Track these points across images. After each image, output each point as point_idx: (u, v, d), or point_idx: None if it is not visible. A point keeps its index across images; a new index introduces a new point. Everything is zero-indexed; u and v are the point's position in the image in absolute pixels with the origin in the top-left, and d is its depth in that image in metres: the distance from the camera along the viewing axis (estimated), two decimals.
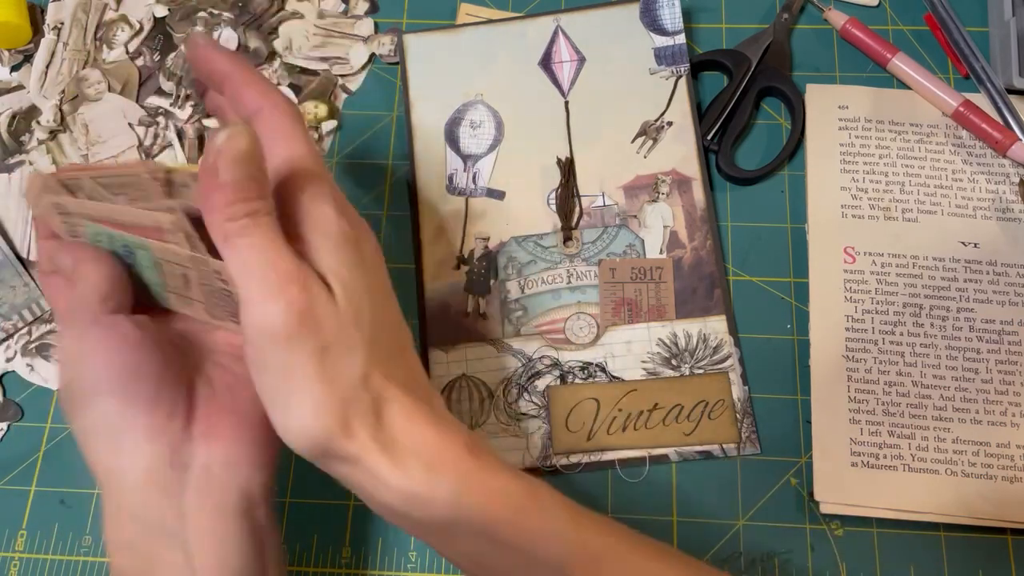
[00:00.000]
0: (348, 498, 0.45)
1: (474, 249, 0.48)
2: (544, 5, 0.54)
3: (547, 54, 0.51)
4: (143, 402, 0.32)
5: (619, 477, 0.44)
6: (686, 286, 0.46)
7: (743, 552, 0.42)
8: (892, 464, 0.43)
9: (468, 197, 0.49)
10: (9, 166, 0.52)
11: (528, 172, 0.49)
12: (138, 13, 0.55)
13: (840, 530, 0.43)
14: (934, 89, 0.48)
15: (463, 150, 0.50)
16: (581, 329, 0.46)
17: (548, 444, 0.44)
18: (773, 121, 0.51)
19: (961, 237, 0.47)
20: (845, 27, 0.51)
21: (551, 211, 0.48)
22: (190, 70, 0.45)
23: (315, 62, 0.53)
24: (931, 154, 0.48)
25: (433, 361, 0.46)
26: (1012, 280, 0.46)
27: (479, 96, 0.51)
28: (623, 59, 0.50)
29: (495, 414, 0.45)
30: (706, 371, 0.45)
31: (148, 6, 0.55)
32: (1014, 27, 0.49)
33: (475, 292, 0.47)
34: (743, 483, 0.44)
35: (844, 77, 0.51)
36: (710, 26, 0.53)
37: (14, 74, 0.54)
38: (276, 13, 0.54)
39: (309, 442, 0.30)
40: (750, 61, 0.50)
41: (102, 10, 0.54)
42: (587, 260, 0.47)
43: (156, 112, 0.52)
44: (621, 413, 0.45)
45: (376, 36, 0.54)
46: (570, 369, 0.46)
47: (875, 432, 0.43)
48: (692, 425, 0.44)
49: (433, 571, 0.43)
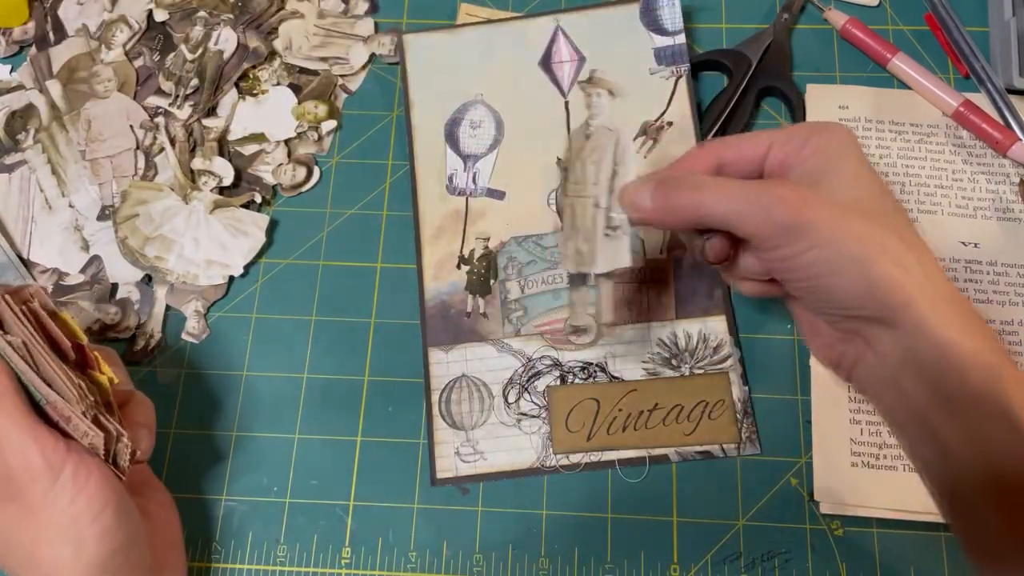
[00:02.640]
0: (348, 498, 0.45)
1: (474, 249, 0.48)
2: (544, 5, 0.54)
3: (547, 54, 0.51)
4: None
5: (619, 477, 0.44)
6: (686, 286, 0.46)
7: (743, 552, 0.42)
8: (892, 464, 0.43)
9: (468, 197, 0.49)
10: (9, 166, 0.52)
11: (528, 172, 0.49)
12: (136, 12, 0.55)
13: (840, 530, 0.43)
14: (934, 89, 0.48)
15: (463, 150, 0.50)
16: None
17: (548, 444, 0.44)
18: (773, 121, 0.51)
19: (961, 237, 0.47)
20: (845, 27, 0.51)
21: (551, 211, 0.48)
22: None
23: (315, 62, 0.53)
24: (931, 154, 0.48)
25: (433, 361, 0.46)
26: (1012, 280, 0.46)
27: (479, 96, 0.51)
28: (623, 59, 0.50)
29: (495, 414, 0.45)
30: (706, 371, 0.45)
31: (146, 6, 0.55)
32: (1014, 27, 0.49)
33: (475, 292, 0.47)
34: (743, 483, 0.44)
35: (844, 77, 0.51)
36: (710, 26, 0.53)
37: (13, 74, 0.54)
38: (276, 13, 0.54)
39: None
40: (750, 61, 0.50)
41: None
42: None
43: (155, 112, 0.52)
44: (621, 413, 0.45)
45: (376, 36, 0.54)
46: (570, 369, 0.46)
47: (875, 432, 0.43)
48: (692, 425, 0.44)
49: (433, 571, 0.43)
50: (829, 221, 0.33)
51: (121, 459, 0.36)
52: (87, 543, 0.34)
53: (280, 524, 0.44)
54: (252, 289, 0.49)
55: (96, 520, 0.34)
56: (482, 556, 0.43)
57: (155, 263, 0.49)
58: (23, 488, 0.34)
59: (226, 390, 0.47)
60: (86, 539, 0.34)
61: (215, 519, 0.44)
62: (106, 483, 0.35)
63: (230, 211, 0.50)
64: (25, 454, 0.33)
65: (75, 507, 0.34)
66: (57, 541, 0.34)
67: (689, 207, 0.36)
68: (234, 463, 0.46)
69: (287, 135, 0.52)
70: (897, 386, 0.35)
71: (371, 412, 0.46)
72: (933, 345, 0.33)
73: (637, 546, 0.43)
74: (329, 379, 0.47)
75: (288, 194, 0.51)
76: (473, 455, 0.45)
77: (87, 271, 0.49)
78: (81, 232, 0.50)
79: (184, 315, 0.48)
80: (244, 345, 0.48)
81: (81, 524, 0.34)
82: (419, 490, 0.45)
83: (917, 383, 0.34)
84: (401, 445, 0.45)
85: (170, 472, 0.45)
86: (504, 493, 0.44)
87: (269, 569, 0.44)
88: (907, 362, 0.34)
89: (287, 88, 0.53)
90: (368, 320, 0.48)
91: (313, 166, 0.51)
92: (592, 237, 0.40)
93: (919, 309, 0.33)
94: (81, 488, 0.34)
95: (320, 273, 0.49)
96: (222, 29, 0.54)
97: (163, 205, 0.50)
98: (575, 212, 0.41)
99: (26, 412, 0.34)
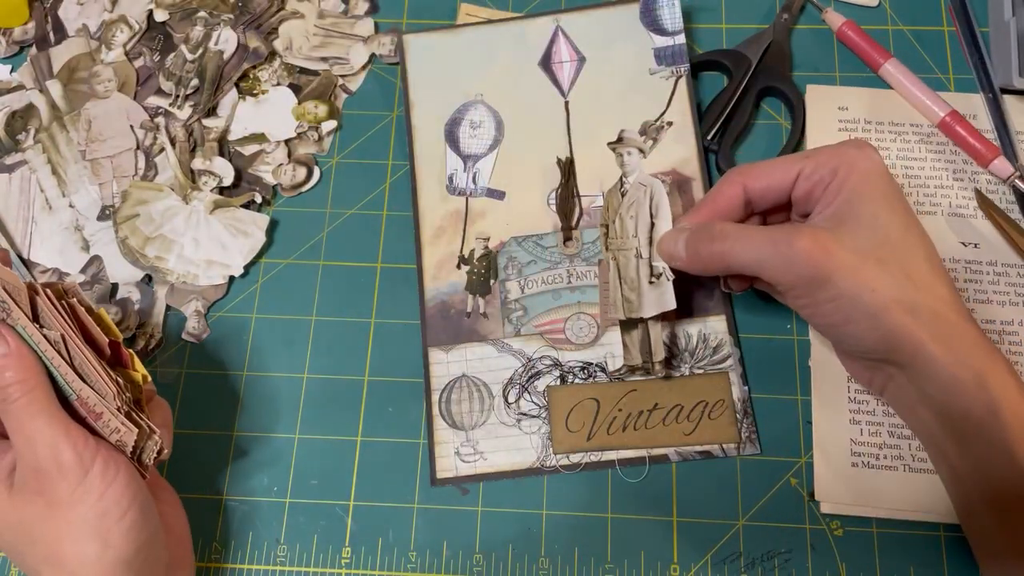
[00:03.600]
0: (348, 498, 0.45)
1: (474, 249, 0.48)
2: (544, 5, 0.54)
3: (547, 54, 0.51)
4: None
5: (619, 477, 0.44)
6: (686, 286, 0.46)
7: (743, 552, 0.42)
8: (892, 464, 0.43)
9: (468, 197, 0.49)
10: (9, 166, 0.52)
11: (528, 172, 0.49)
12: (136, 12, 0.55)
13: (840, 530, 0.43)
14: (922, 98, 0.48)
15: (463, 150, 0.50)
16: (581, 329, 0.46)
17: (548, 444, 0.44)
18: (773, 121, 0.51)
19: (961, 237, 0.47)
20: (842, 29, 0.51)
21: (551, 211, 0.48)
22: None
23: (315, 62, 0.53)
24: (931, 155, 0.48)
25: (433, 361, 0.46)
26: (1012, 280, 0.46)
27: (479, 96, 0.51)
28: (623, 59, 0.50)
29: (495, 414, 0.45)
30: (706, 371, 0.45)
31: (146, 7, 0.55)
32: (1014, 27, 0.49)
33: (475, 292, 0.47)
34: (743, 483, 0.44)
35: (844, 77, 0.51)
36: (710, 26, 0.53)
37: (13, 74, 0.54)
38: (276, 13, 0.54)
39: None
40: (750, 61, 0.50)
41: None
42: (587, 260, 0.47)
43: (156, 112, 0.52)
44: (621, 413, 0.45)
45: (376, 36, 0.54)
46: (570, 369, 0.46)
47: (875, 432, 0.43)
48: (692, 425, 0.44)
49: (433, 571, 0.43)
50: (848, 273, 0.36)
51: (146, 456, 0.36)
52: (114, 540, 0.35)
53: (280, 524, 0.44)
54: (252, 289, 0.49)
55: (123, 517, 0.35)
56: (482, 556, 0.43)
57: (155, 263, 0.49)
58: (51, 483, 0.34)
59: (226, 390, 0.47)
60: (113, 535, 0.35)
61: (215, 519, 0.44)
62: (132, 480, 0.35)
63: (230, 211, 0.50)
64: (56, 449, 0.34)
65: (103, 504, 0.34)
66: (83, 538, 0.34)
67: (718, 256, 0.39)
68: (234, 463, 0.46)
69: (287, 135, 0.52)
70: (915, 413, 0.39)
71: (371, 412, 0.46)
72: (941, 387, 0.36)
73: (637, 546, 0.43)
74: (329, 379, 0.47)
75: (288, 194, 0.51)
76: (473, 455, 0.45)
77: (87, 271, 0.49)
78: (81, 232, 0.50)
79: (184, 315, 0.48)
80: (244, 345, 0.48)
81: (108, 521, 0.34)
82: (419, 490, 0.45)
83: (930, 414, 0.38)
84: (401, 445, 0.45)
85: (170, 472, 0.45)
86: (504, 493, 0.44)
87: (269, 569, 0.44)
88: (920, 397, 0.38)
89: (287, 88, 0.53)
90: (368, 320, 0.48)
91: (313, 166, 0.51)
92: (637, 286, 0.44)
93: (927, 353, 0.36)
94: (109, 484, 0.34)
95: (320, 273, 0.49)
96: (222, 29, 0.54)
97: (163, 205, 0.50)
98: (620, 264, 0.44)
99: (58, 407, 0.34)
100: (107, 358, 0.37)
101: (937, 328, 0.36)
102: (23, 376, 0.34)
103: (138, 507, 0.35)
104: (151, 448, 0.36)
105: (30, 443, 0.34)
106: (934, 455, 0.40)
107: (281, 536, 0.44)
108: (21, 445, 0.34)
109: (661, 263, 0.43)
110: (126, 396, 0.36)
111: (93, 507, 0.34)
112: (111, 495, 0.34)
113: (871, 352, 0.38)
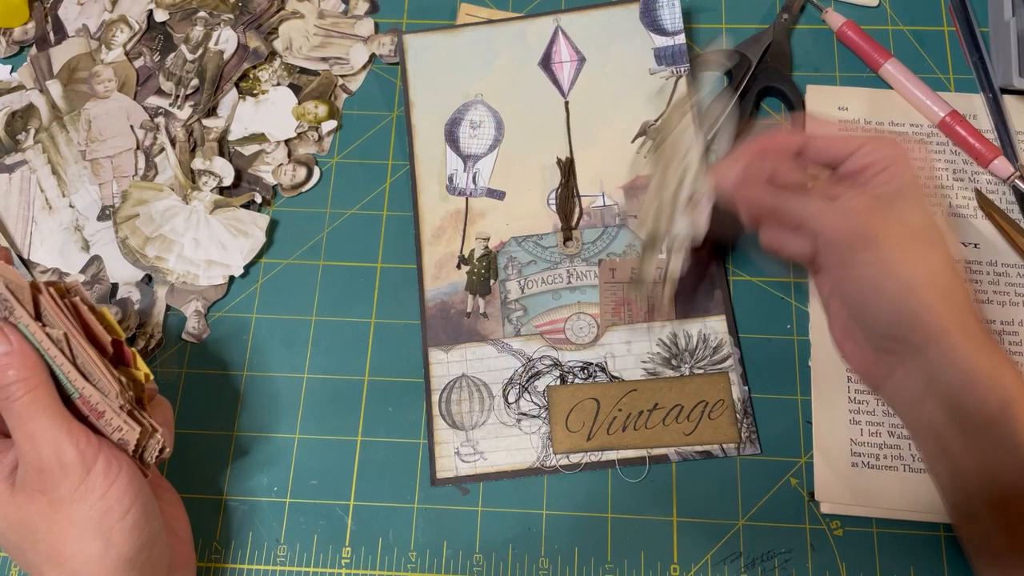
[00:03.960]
0: (348, 498, 0.45)
1: (474, 249, 0.48)
2: (544, 5, 0.54)
3: (547, 54, 0.51)
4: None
5: (619, 477, 0.44)
6: (686, 286, 0.46)
7: (743, 552, 0.42)
8: (892, 464, 0.43)
9: (468, 197, 0.49)
10: (9, 166, 0.52)
11: (528, 172, 0.49)
12: (136, 12, 0.55)
13: (840, 530, 0.43)
14: (922, 98, 0.48)
15: (463, 150, 0.50)
16: (581, 329, 0.46)
17: (548, 444, 0.44)
18: (773, 121, 0.51)
19: (961, 237, 0.47)
20: (842, 29, 0.51)
21: (551, 211, 0.48)
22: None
23: (315, 62, 0.53)
24: (931, 155, 0.48)
25: (433, 361, 0.46)
26: (1012, 280, 0.46)
27: (479, 96, 0.51)
28: (623, 59, 0.50)
29: (495, 414, 0.45)
30: (706, 371, 0.45)
31: (146, 7, 0.55)
32: (1014, 27, 0.49)
33: (475, 292, 0.47)
34: (743, 483, 0.44)
35: (844, 77, 0.51)
36: (710, 26, 0.53)
37: (13, 74, 0.54)
38: (276, 13, 0.54)
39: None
40: (750, 61, 0.50)
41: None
42: (587, 260, 0.47)
43: (156, 112, 0.52)
44: (621, 413, 0.45)
45: (376, 36, 0.54)
46: (570, 369, 0.46)
47: (875, 432, 0.43)
48: (692, 425, 0.44)
49: (433, 571, 0.43)
50: (894, 241, 0.36)
51: (148, 455, 0.36)
52: (116, 538, 0.35)
53: (280, 524, 0.44)
54: (252, 289, 0.49)
55: (126, 515, 0.35)
56: (482, 556, 0.43)
57: (155, 263, 0.49)
58: (54, 481, 0.34)
59: (226, 390, 0.47)
60: (115, 534, 0.35)
61: (215, 519, 0.44)
62: (135, 479, 0.35)
63: (230, 211, 0.50)
64: (59, 447, 0.34)
65: (106, 502, 0.34)
66: (86, 536, 0.34)
67: (771, 195, 0.39)
68: (234, 463, 0.46)
69: (287, 135, 0.52)
70: (919, 407, 0.38)
71: (371, 412, 0.46)
72: (960, 373, 0.35)
73: (637, 546, 0.43)
74: (329, 379, 0.47)
75: (288, 194, 0.51)
76: (473, 455, 0.45)
77: (87, 271, 0.49)
78: (81, 232, 0.50)
79: (184, 315, 0.48)
80: (244, 345, 0.48)
81: (111, 519, 0.34)
82: (419, 490, 0.45)
83: (938, 406, 0.36)
84: (401, 445, 0.45)
85: (170, 472, 0.45)
86: (504, 493, 0.44)
87: (269, 569, 0.44)
88: (931, 387, 0.37)
89: (287, 88, 0.53)
90: (368, 320, 0.48)
91: (313, 166, 0.51)
92: (673, 205, 0.43)
93: (952, 339, 0.35)
94: (112, 483, 0.34)
95: (320, 273, 0.49)
96: (222, 29, 0.54)
97: (163, 205, 0.50)
98: (663, 180, 0.43)
99: (60, 405, 0.34)
100: (109, 356, 0.37)
101: (962, 318, 0.36)
102: (26, 374, 0.34)
103: (140, 506, 0.35)
104: (153, 447, 0.37)
105: (32, 441, 0.34)
106: (934, 452, 0.38)
107: (281, 536, 0.44)
108: (23, 443, 0.34)
109: (703, 188, 0.42)
110: (128, 395, 0.36)
111: (95, 506, 0.34)
112: (113, 494, 0.34)
113: (888, 330, 0.37)
